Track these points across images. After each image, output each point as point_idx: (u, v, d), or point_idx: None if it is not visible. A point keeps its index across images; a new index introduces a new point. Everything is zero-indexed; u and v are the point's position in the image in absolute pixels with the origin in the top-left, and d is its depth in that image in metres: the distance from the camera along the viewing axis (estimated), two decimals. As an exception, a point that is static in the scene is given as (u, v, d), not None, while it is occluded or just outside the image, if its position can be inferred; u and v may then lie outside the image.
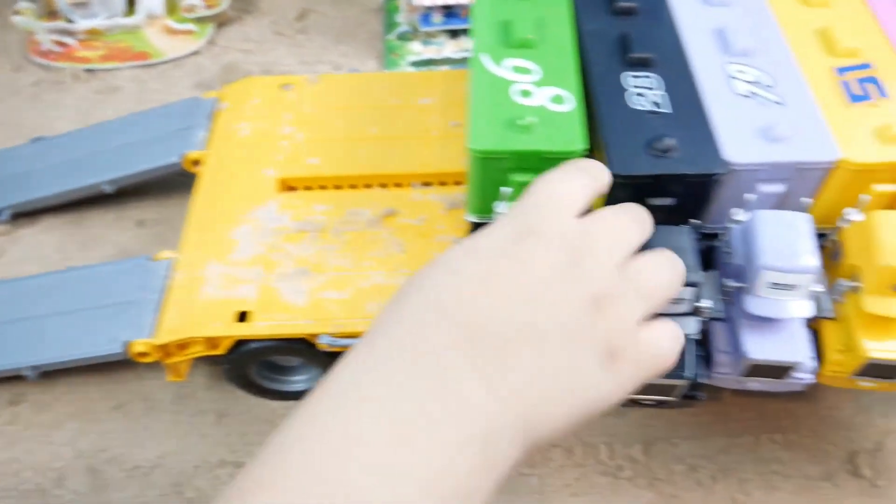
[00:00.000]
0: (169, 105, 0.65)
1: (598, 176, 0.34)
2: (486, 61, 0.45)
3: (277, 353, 0.49)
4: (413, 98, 0.60)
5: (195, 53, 0.77)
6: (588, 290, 0.28)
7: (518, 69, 0.45)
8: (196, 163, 0.59)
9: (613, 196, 0.42)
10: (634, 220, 0.32)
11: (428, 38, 0.76)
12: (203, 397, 0.54)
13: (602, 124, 0.43)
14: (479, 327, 0.26)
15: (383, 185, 0.55)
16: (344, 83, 0.62)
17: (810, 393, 0.52)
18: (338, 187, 0.55)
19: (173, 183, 0.65)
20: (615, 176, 0.40)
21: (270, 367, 0.52)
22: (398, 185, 0.55)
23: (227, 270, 0.50)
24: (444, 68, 0.74)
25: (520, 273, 0.27)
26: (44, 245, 0.63)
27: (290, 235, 0.51)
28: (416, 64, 0.74)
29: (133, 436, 0.52)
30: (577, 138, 0.42)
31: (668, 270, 0.32)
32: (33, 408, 0.54)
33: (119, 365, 0.52)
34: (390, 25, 0.78)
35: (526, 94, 0.44)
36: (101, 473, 0.50)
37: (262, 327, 0.47)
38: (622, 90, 0.45)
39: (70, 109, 0.74)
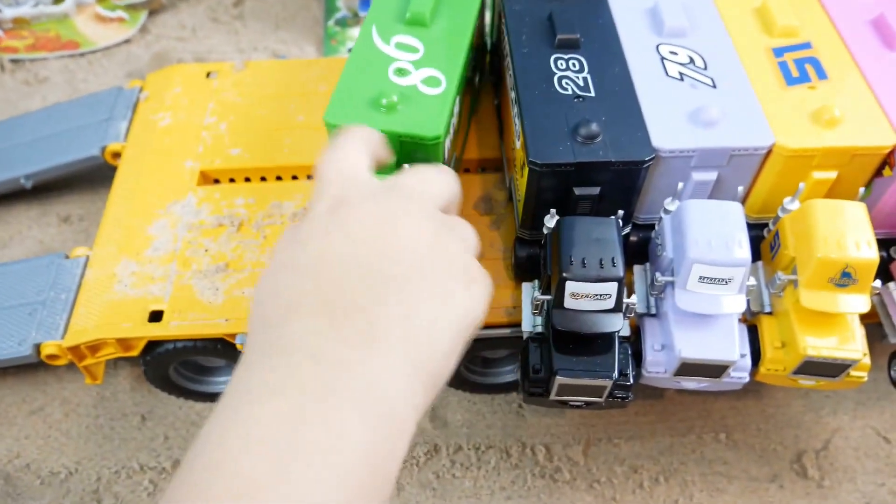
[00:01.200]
0: (91, 95, 0.62)
1: (369, 139, 0.35)
2: (374, 35, 0.43)
3: (196, 354, 0.47)
4: (344, 84, 0.57)
5: (127, 42, 0.74)
6: (421, 229, 0.29)
7: (402, 46, 0.43)
8: (117, 155, 0.56)
9: (538, 185, 0.41)
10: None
11: (370, 23, 0.73)
12: (126, 400, 0.51)
13: (523, 110, 0.41)
14: (338, 303, 0.26)
15: (310, 177, 0.53)
16: (272, 70, 0.59)
17: (757, 390, 0.51)
18: (263, 179, 0.53)
19: (100, 177, 0.62)
20: (533, 164, 0.39)
21: (193, 368, 0.50)
22: (328, 175, 0.52)
23: (140, 268, 0.47)
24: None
25: (347, 240, 0.27)
26: (-38, 243, 0.60)
27: (208, 230, 0.49)
28: (358, 49, 0.72)
29: (50, 441, 0.50)
30: (437, 123, 0.40)
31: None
32: (-60, 412, 0.51)
33: (36, 367, 0.50)
34: (330, 11, 0.75)
35: (401, 72, 0.42)
36: (15, 480, 0.48)
37: (175, 327, 0.44)
38: (548, 74, 0.43)
39: (-6, 100, 0.70)
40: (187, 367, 0.50)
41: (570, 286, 0.36)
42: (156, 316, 0.45)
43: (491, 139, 0.53)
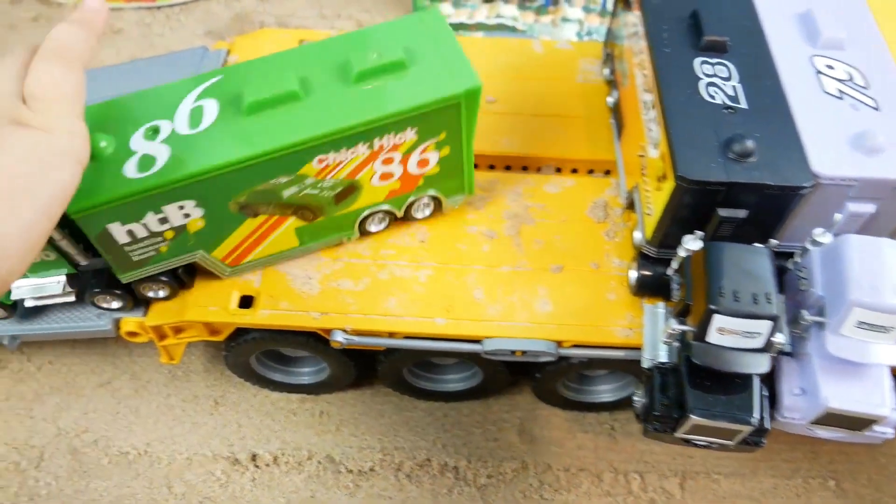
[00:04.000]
0: (175, 54, 0.59)
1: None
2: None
3: (284, 345, 0.45)
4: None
5: (206, -2, 0.71)
6: None
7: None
8: (202, 120, 0.53)
9: (681, 202, 0.37)
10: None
11: (460, 1, 0.70)
12: (198, 381, 0.49)
13: (668, 116, 0.38)
14: None
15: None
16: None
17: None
18: (359, 161, 0.50)
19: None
20: (682, 180, 0.35)
21: (274, 357, 0.47)
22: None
23: (231, 248, 0.45)
24: (478, 34, 0.68)
25: None
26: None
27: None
28: (448, 26, 0.68)
29: (119, 418, 0.48)
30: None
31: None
32: (14, 377, 0.49)
33: (108, 338, 0.47)
34: (421, -19, 0.71)
35: None
36: (82, 456, 0.46)
37: (266, 316, 0.42)
38: (692, 78, 0.39)
39: (68, 48, 0.67)
40: (269, 356, 0.47)
41: (718, 320, 0.33)
42: (245, 301, 0.43)
43: (602, 139, 0.49)
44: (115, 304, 0.43)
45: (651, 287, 0.41)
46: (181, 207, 0.37)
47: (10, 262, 0.27)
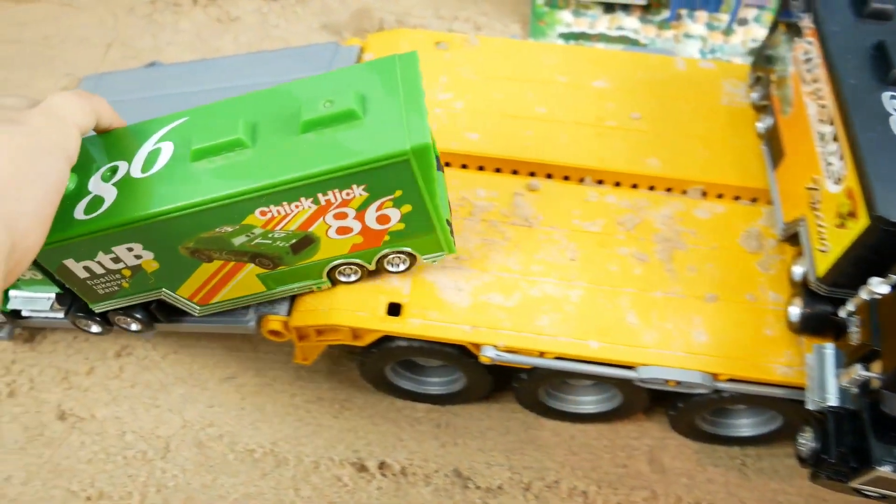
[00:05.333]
0: (303, 48, 0.58)
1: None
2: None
3: (427, 355, 0.44)
4: (585, 78, 0.53)
5: (324, -9, 0.71)
6: None
7: None
8: (336, 118, 0.53)
9: (873, 244, 0.36)
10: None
11: (580, 9, 0.68)
12: (322, 383, 0.48)
13: (863, 154, 0.36)
14: None
15: (548, 176, 0.49)
16: (506, 50, 0.55)
17: None
18: (497, 171, 0.49)
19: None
20: (885, 222, 0.34)
21: (406, 364, 0.47)
22: (566, 177, 0.48)
23: (377, 252, 0.44)
24: (599, 45, 0.66)
25: None
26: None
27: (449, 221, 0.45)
28: (566, 36, 0.67)
29: (245, 414, 0.47)
30: None
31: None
32: (140, 364, 0.49)
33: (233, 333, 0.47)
34: (540, -12, 0.70)
35: None
36: (208, 450, 0.46)
37: (415, 326, 0.41)
38: (882, 113, 0.38)
39: (186, 35, 0.67)
40: (401, 364, 0.46)
41: (920, 373, 0.32)
42: (393, 309, 0.42)
43: (750, 166, 0.48)
44: (95, 329, 0.43)
45: (816, 326, 0.40)
46: (130, 249, 0.37)
47: (29, 239, 0.29)
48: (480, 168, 0.49)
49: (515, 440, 0.47)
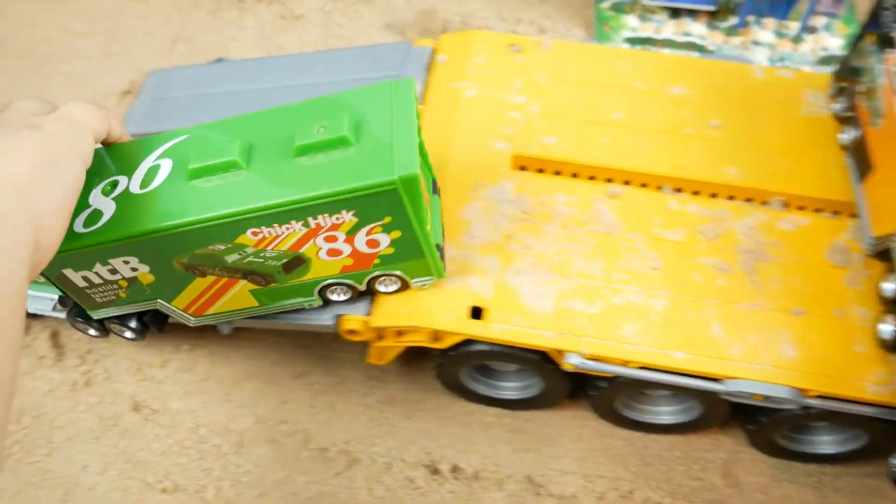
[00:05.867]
0: (374, 48, 0.58)
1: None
2: None
3: (501, 359, 0.44)
4: (661, 84, 0.52)
5: (390, -10, 0.70)
6: None
7: None
8: (410, 118, 0.52)
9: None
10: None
11: (645, 14, 0.68)
12: (394, 384, 0.48)
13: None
14: None
15: (626, 182, 0.48)
16: (580, 54, 0.54)
17: None
18: (574, 175, 0.49)
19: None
20: None
21: (481, 369, 0.46)
22: (644, 185, 0.48)
23: (457, 254, 0.44)
24: (666, 51, 0.66)
25: None
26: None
27: (528, 225, 0.45)
28: (632, 41, 0.66)
29: (316, 412, 0.47)
30: None
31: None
32: (211, 359, 0.49)
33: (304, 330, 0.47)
34: (605, -8, 0.70)
35: None
36: (282, 447, 0.46)
37: (498, 330, 0.41)
38: None
39: (249, 31, 0.67)
40: (476, 367, 0.46)
41: None
42: (475, 312, 0.42)
43: (834, 178, 0.47)
44: (93, 332, 0.45)
45: (908, 344, 0.39)
46: (126, 262, 0.38)
47: (51, 238, 0.31)
48: (557, 173, 0.49)
49: (587, 448, 0.46)
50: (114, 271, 0.38)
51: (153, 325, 0.44)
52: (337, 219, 0.36)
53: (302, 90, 0.58)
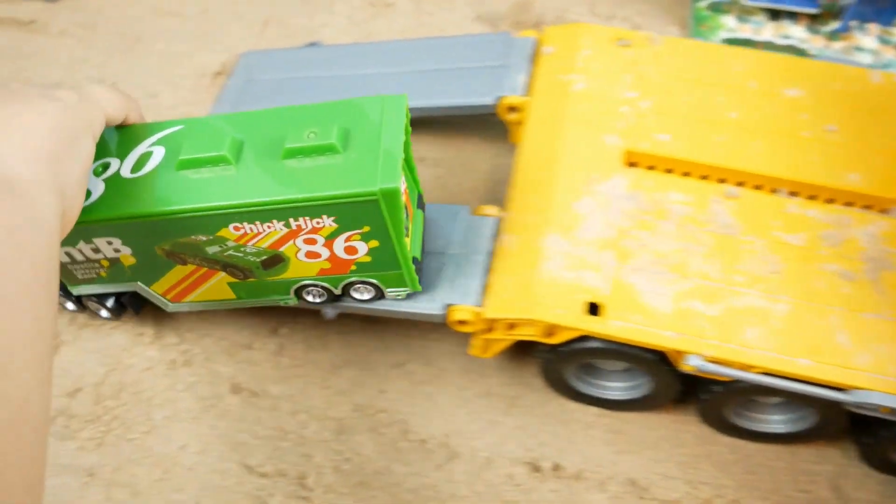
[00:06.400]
0: (472, 36, 0.58)
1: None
2: None
3: (613, 357, 0.43)
4: (775, 86, 0.51)
5: (475, -21, 0.70)
6: None
7: None
8: (512, 110, 0.52)
9: None
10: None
11: (743, 15, 0.66)
12: (492, 378, 0.47)
13: None
14: None
15: (739, 184, 0.47)
16: (690, 51, 0.53)
17: None
18: (685, 174, 0.47)
19: (451, 122, 0.58)
20: None
21: (586, 368, 0.45)
22: (758, 187, 0.47)
23: (572, 249, 0.43)
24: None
25: None
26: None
27: (644, 222, 0.44)
28: (730, 42, 0.65)
29: (414, 402, 0.46)
30: None
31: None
32: (307, 343, 0.49)
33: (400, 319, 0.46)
34: (701, -9, 0.68)
35: None
36: (381, 437, 0.45)
37: (617, 327, 0.40)
38: None
39: (340, 17, 0.67)
40: (582, 366, 0.45)
41: None
42: (592, 308, 0.41)
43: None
44: (70, 307, 0.47)
45: None
46: (109, 243, 0.39)
47: (74, 208, 0.32)
48: (668, 171, 0.47)
49: (690, 454, 0.45)
50: (97, 250, 0.40)
51: (130, 305, 0.46)
52: (317, 223, 0.37)
53: (398, 77, 0.57)
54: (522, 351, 0.47)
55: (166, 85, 0.62)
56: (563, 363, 0.44)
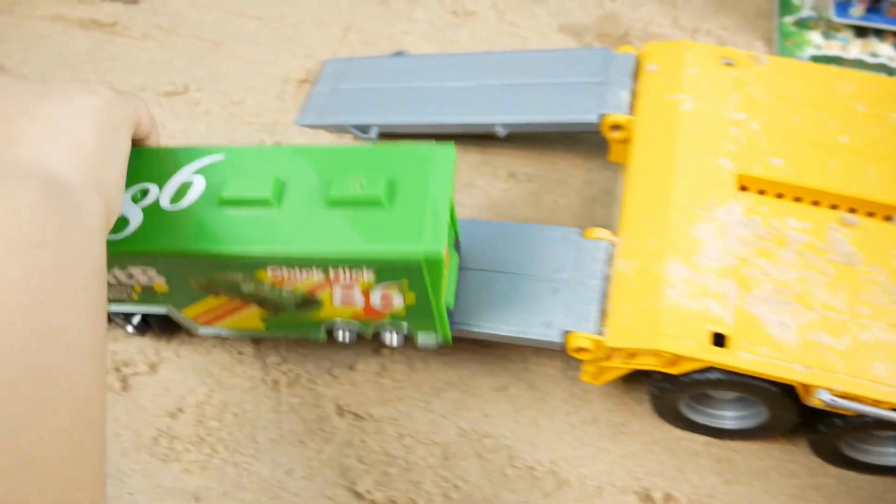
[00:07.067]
0: (569, 51, 0.57)
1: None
2: None
3: (734, 389, 0.42)
4: (885, 109, 0.50)
5: (564, -8, 0.68)
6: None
7: None
8: (616, 128, 0.51)
9: None
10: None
11: (829, 31, 0.65)
12: (598, 404, 0.47)
13: None
14: None
15: (851, 210, 0.46)
16: (797, 71, 0.52)
17: None
18: (797, 199, 0.46)
19: (547, 137, 0.57)
20: None
21: (697, 397, 0.45)
22: (870, 213, 0.46)
23: (693, 276, 0.42)
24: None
25: None
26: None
27: (762, 250, 0.43)
28: (817, 59, 0.64)
29: (519, 428, 0.46)
30: None
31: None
32: (408, 364, 0.48)
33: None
34: (786, 6, 0.67)
35: None
36: (487, 463, 0.44)
37: (745, 359, 0.39)
38: None
39: (421, 24, 0.66)
40: (694, 395, 0.44)
41: None
42: (717, 339, 0.40)
43: None
44: None
45: None
46: (144, 272, 0.39)
47: (114, 208, 0.31)
48: (779, 195, 0.47)
49: (801, 485, 0.44)
50: (130, 276, 0.39)
51: (156, 324, 0.46)
52: (356, 274, 0.37)
53: (490, 91, 0.56)
54: (631, 377, 0.46)
55: (250, 91, 0.61)
56: (678, 392, 0.43)
